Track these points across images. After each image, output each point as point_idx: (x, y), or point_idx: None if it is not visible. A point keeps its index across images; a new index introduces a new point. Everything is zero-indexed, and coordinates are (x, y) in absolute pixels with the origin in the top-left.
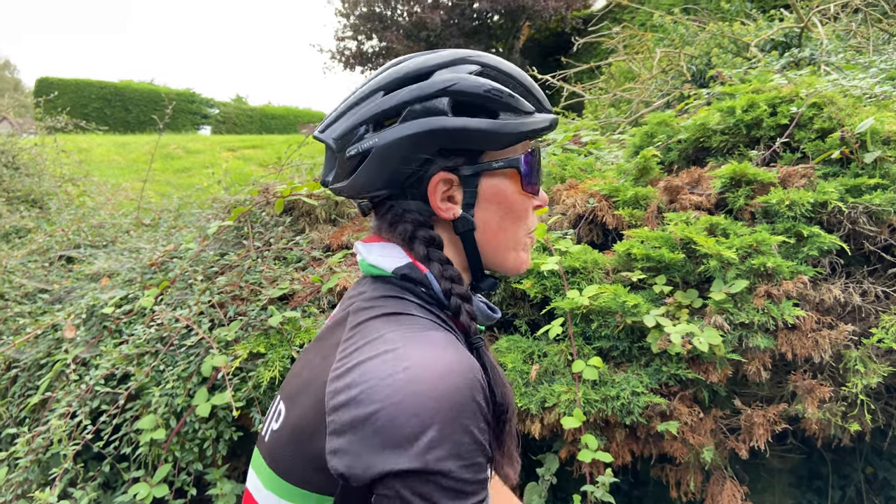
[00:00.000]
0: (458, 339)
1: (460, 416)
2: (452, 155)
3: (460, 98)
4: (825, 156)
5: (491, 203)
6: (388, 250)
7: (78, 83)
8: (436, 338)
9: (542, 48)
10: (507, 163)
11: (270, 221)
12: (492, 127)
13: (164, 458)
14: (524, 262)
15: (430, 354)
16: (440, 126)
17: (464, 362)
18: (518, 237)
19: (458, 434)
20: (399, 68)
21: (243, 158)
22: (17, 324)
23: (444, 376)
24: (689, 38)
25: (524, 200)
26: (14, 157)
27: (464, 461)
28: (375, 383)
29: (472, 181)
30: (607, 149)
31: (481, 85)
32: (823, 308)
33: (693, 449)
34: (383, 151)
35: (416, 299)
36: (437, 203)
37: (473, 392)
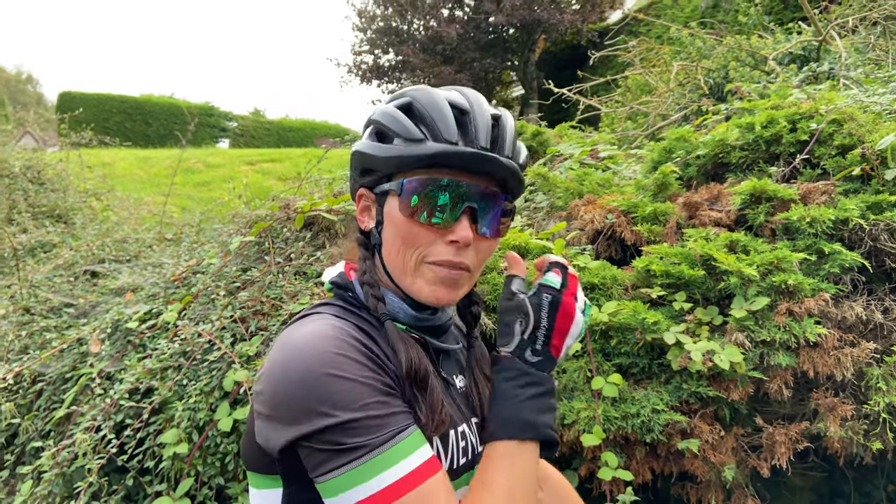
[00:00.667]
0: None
1: (328, 371)
2: (367, 174)
3: (378, 125)
4: (846, 172)
5: (389, 224)
6: (336, 266)
7: (99, 97)
8: (316, 321)
9: (558, 61)
10: (394, 187)
11: (291, 237)
12: (377, 151)
13: (187, 472)
14: (423, 292)
15: (306, 332)
16: (358, 147)
17: (331, 329)
18: (407, 263)
19: (334, 386)
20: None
21: (262, 172)
22: (43, 338)
23: (310, 343)
24: (707, 51)
25: (412, 226)
26: (39, 172)
27: (351, 403)
28: (270, 371)
29: (381, 200)
30: (625, 163)
31: (384, 113)
32: (845, 325)
33: (714, 467)
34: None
35: (341, 302)
36: (358, 213)
37: (337, 346)
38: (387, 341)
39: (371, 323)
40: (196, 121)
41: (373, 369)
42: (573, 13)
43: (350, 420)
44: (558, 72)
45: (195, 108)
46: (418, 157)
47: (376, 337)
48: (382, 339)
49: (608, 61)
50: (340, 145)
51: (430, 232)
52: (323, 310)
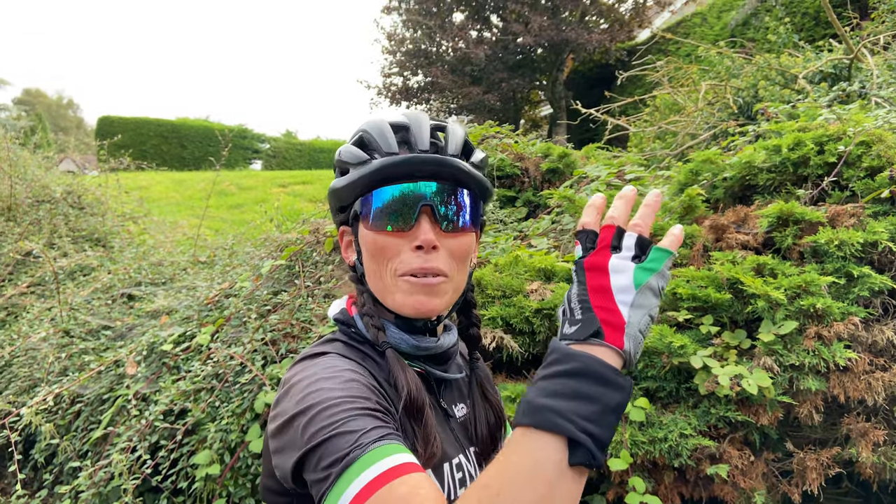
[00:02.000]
0: (371, 366)
1: (317, 397)
2: (341, 211)
3: (338, 164)
4: (875, 195)
5: (363, 249)
6: (338, 303)
7: (137, 121)
8: (329, 362)
9: (586, 80)
10: (357, 208)
11: (320, 260)
12: (338, 184)
13: (219, 493)
14: (404, 305)
15: (306, 373)
16: (333, 186)
17: (338, 362)
18: (384, 280)
19: (319, 411)
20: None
21: (293, 194)
22: (82, 360)
23: (309, 374)
24: (736, 70)
25: (377, 240)
26: (79, 197)
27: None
28: (280, 403)
29: (356, 231)
30: (651, 185)
31: (341, 150)
32: (876, 349)
33: (744, 493)
34: None
35: (345, 338)
36: (343, 251)
37: (334, 366)
38: (386, 380)
39: (374, 359)
40: (230, 145)
41: (368, 393)
42: (601, 32)
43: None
44: (587, 91)
45: (229, 130)
46: (368, 174)
47: (377, 373)
48: (385, 371)
49: (636, 80)
50: None
51: (395, 241)
52: (328, 347)
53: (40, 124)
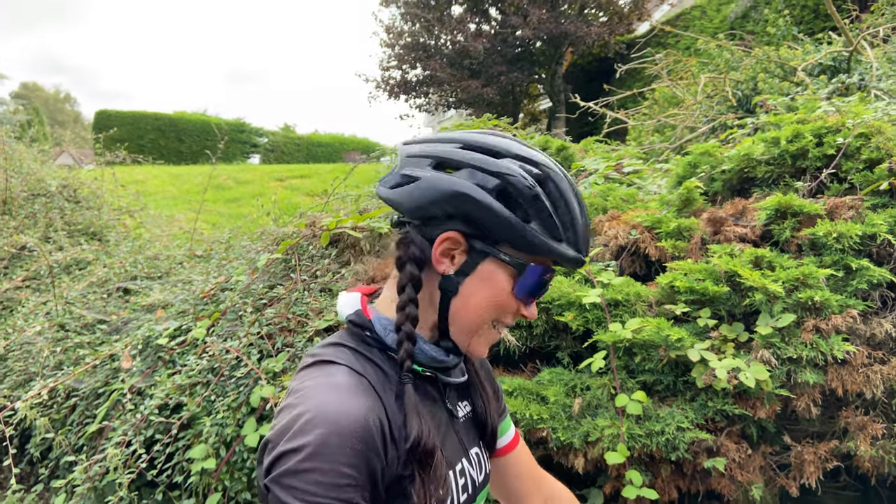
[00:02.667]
0: (383, 378)
1: (331, 455)
2: (473, 226)
3: (509, 189)
4: (873, 187)
5: (480, 283)
6: (349, 300)
7: (134, 115)
8: (337, 383)
9: (585, 73)
10: (514, 263)
11: (317, 254)
12: (518, 227)
13: (214, 487)
14: (479, 351)
15: (328, 402)
16: (480, 199)
17: (354, 412)
18: (482, 324)
19: (325, 465)
20: (484, 137)
21: (291, 188)
22: (77, 354)
23: (330, 423)
24: (735, 63)
25: (510, 300)
26: (75, 190)
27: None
28: (281, 424)
29: (477, 256)
30: (650, 178)
31: (532, 190)
32: (874, 343)
33: (741, 486)
34: (427, 186)
35: (357, 344)
36: (436, 253)
37: (352, 440)
38: (397, 397)
39: (384, 370)
40: (227, 137)
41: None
42: (600, 26)
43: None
44: (586, 84)
45: (227, 124)
46: (550, 252)
47: (386, 388)
48: (391, 386)
49: (635, 74)
50: (367, 161)
51: (515, 304)
52: (339, 357)
53: (37, 118)
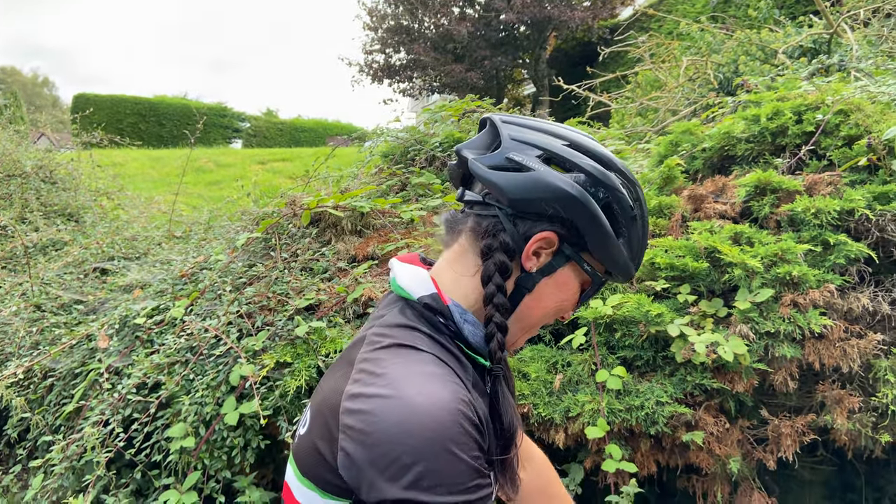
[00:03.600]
0: (461, 368)
1: (446, 447)
2: (569, 230)
3: (614, 203)
4: (852, 163)
5: (556, 285)
6: (417, 276)
7: (113, 99)
8: (431, 373)
9: (568, 58)
10: (592, 274)
11: (297, 233)
12: (611, 242)
13: (194, 466)
14: (519, 343)
15: (423, 391)
16: (589, 205)
17: (451, 397)
18: (538, 324)
19: (443, 464)
20: (592, 143)
21: (273, 171)
22: (53, 334)
23: (431, 412)
24: (717, 46)
25: (567, 303)
26: (51, 172)
27: (452, 487)
28: (376, 416)
29: (562, 259)
30: (632, 158)
31: (632, 211)
32: (852, 317)
33: (719, 459)
34: (539, 181)
35: (430, 329)
36: (528, 249)
37: (459, 422)
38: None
39: (458, 358)
40: (205, 120)
41: (480, 444)
42: (584, 10)
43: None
44: (570, 69)
45: (208, 108)
46: (624, 268)
47: (467, 382)
48: (470, 374)
49: (619, 57)
50: (348, 143)
51: (565, 307)
52: (420, 342)
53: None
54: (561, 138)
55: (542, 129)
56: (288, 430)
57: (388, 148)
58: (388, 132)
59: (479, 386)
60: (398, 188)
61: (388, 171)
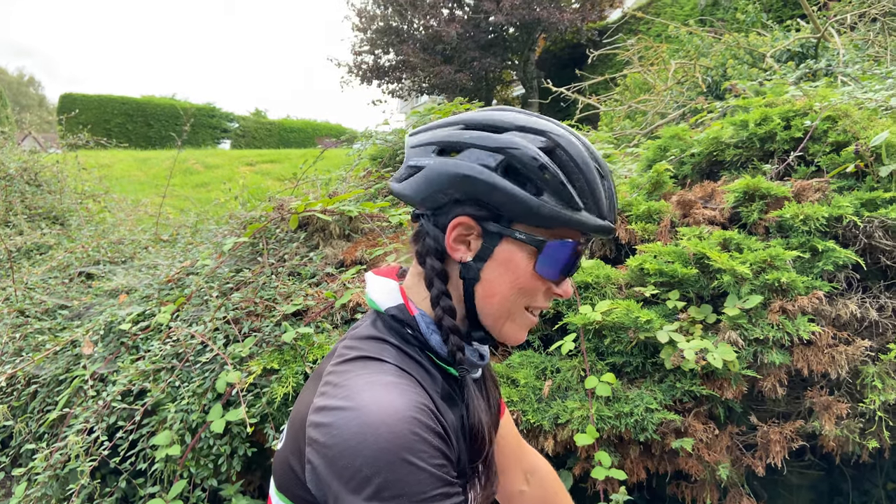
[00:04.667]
0: (428, 378)
1: (401, 456)
2: (483, 207)
3: (514, 163)
4: (840, 169)
5: (501, 266)
6: (386, 288)
7: (101, 99)
8: (389, 383)
9: (558, 60)
10: (530, 239)
11: (285, 237)
12: (527, 201)
13: (180, 474)
14: (515, 337)
15: (378, 400)
16: (484, 178)
17: (407, 405)
18: (512, 310)
19: (402, 474)
20: (486, 114)
21: (261, 173)
22: (37, 340)
23: (386, 422)
24: (705, 49)
25: (533, 279)
26: (36, 174)
27: (414, 497)
28: (336, 429)
29: (493, 239)
30: (621, 162)
31: (539, 160)
32: (840, 323)
33: (709, 466)
34: (431, 174)
35: (399, 341)
36: (449, 241)
37: (414, 430)
38: (441, 394)
39: (426, 369)
40: (192, 121)
41: (443, 452)
42: (573, 12)
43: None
44: (558, 71)
45: (196, 109)
46: (573, 224)
47: (431, 388)
48: (439, 385)
49: (608, 60)
50: (338, 145)
51: (544, 284)
52: (385, 355)
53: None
54: (456, 124)
55: (440, 124)
56: (275, 438)
57: (377, 151)
58: (377, 135)
59: (449, 396)
60: (387, 192)
61: (377, 174)
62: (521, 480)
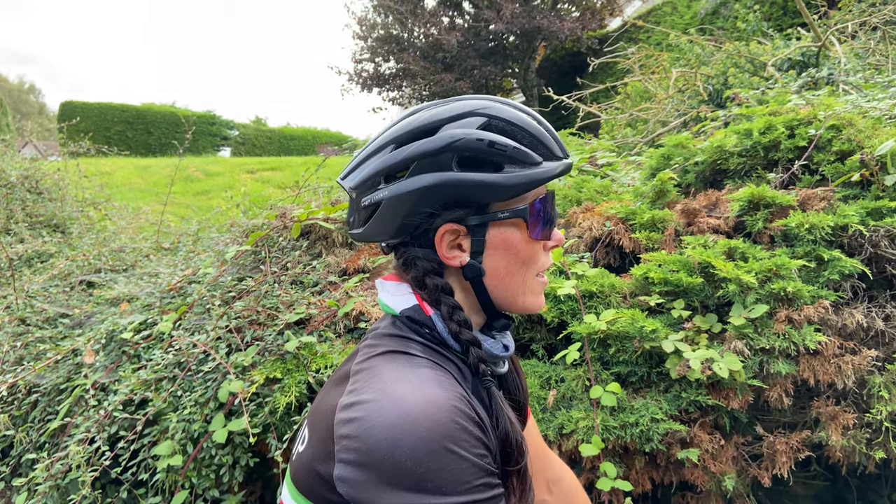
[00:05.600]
0: (459, 374)
1: (444, 445)
2: (457, 207)
3: (465, 153)
4: (845, 178)
5: (498, 250)
6: (399, 290)
7: (101, 107)
8: (424, 375)
9: (558, 68)
10: (513, 213)
11: (287, 246)
12: (495, 180)
13: (181, 485)
14: (536, 304)
15: (415, 390)
16: (444, 181)
17: (446, 394)
18: (526, 282)
19: (445, 463)
20: (408, 122)
21: (262, 181)
22: (38, 349)
23: (425, 410)
24: (706, 57)
25: (532, 246)
26: (37, 182)
27: (458, 486)
28: (369, 422)
29: (480, 230)
30: (623, 170)
31: (485, 139)
32: (846, 333)
33: (714, 476)
34: (392, 203)
35: (419, 339)
36: (443, 252)
37: (455, 419)
38: (472, 389)
39: (457, 364)
40: (194, 129)
41: (484, 443)
42: (573, 21)
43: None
44: (559, 79)
45: (197, 116)
46: (539, 179)
47: (466, 388)
48: (469, 382)
49: (608, 68)
50: (339, 153)
51: (540, 245)
52: (414, 349)
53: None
54: (388, 145)
55: (367, 156)
56: (278, 448)
57: None
58: None
59: (479, 394)
60: None
61: None
62: (545, 489)
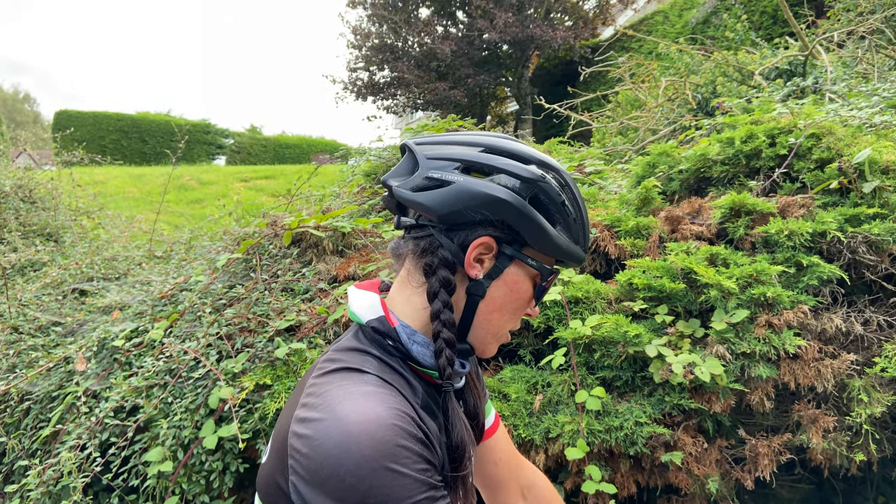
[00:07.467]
0: (409, 389)
1: (384, 464)
2: (505, 231)
3: (541, 195)
4: (824, 186)
5: (506, 286)
6: (367, 301)
7: (96, 115)
8: (369, 392)
9: (550, 77)
10: (539, 267)
11: (278, 253)
12: (550, 232)
13: (172, 491)
14: (492, 351)
15: (358, 409)
16: (518, 204)
17: (387, 413)
18: (503, 328)
19: (386, 480)
20: (503, 141)
21: (256, 189)
22: (31, 357)
23: (367, 430)
24: (695, 66)
25: (526, 303)
26: (31, 191)
27: (400, 501)
28: (317, 440)
29: (505, 260)
30: (611, 178)
31: (561, 197)
32: (825, 337)
33: (698, 479)
34: (463, 191)
35: (380, 352)
36: (470, 258)
37: (395, 437)
38: (421, 404)
39: (408, 380)
40: (187, 137)
41: (426, 458)
42: (566, 30)
43: None
44: (552, 87)
45: (192, 125)
46: (570, 254)
47: (414, 402)
48: (419, 397)
49: (600, 77)
50: (332, 161)
51: (528, 304)
52: (367, 366)
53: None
54: (476, 146)
55: (455, 142)
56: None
57: (371, 167)
58: (371, 151)
59: (430, 407)
60: (380, 208)
61: (370, 190)
62: (518, 496)
